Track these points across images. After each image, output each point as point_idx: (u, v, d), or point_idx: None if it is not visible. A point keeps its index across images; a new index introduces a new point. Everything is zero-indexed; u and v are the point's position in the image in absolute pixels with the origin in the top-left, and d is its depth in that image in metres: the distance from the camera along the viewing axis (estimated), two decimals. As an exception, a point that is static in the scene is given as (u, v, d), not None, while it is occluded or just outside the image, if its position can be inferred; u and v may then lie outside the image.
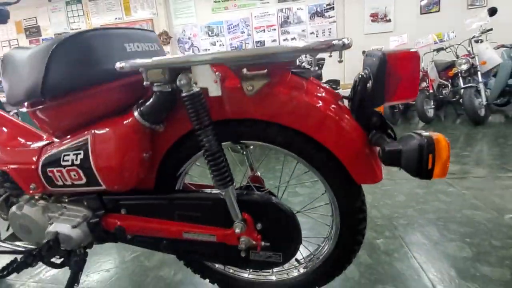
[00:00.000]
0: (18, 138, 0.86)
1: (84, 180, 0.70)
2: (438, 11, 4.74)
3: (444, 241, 1.17)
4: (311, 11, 5.11)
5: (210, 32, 5.52)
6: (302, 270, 0.90)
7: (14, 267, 0.75)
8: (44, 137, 0.88)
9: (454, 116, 3.78)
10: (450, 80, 3.68)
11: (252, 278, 0.94)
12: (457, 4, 4.61)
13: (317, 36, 5.19)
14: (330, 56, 0.57)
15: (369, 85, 0.61)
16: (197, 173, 2.19)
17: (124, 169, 0.67)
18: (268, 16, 5.25)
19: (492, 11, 3.08)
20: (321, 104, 0.65)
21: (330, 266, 0.83)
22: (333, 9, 5.07)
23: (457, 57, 3.46)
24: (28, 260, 0.76)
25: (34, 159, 0.75)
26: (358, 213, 0.74)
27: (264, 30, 5.32)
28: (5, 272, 0.75)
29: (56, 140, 0.80)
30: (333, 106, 0.66)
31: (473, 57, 3.29)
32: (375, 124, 0.65)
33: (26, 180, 0.76)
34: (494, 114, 3.64)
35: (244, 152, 0.92)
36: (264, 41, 5.32)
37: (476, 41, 3.50)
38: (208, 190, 0.81)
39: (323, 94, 0.67)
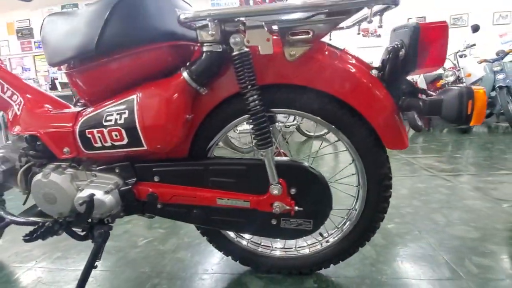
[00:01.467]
0: (46, 104, 0.86)
1: (125, 141, 0.70)
2: (424, 28, 5.07)
3: (450, 225, 1.23)
4: (305, 24, 5.32)
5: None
6: (324, 244, 0.92)
7: (41, 233, 0.73)
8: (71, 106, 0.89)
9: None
10: (437, 91, 3.89)
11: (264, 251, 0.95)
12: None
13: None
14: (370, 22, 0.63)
15: (401, 53, 0.67)
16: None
17: (168, 128, 0.68)
18: (264, 27, 5.40)
19: (475, 28, 3.33)
20: (356, 71, 0.70)
21: (355, 237, 0.86)
22: (326, 23, 5.30)
23: (444, 69, 3.68)
24: (55, 226, 0.75)
25: (70, 122, 0.76)
26: (385, 180, 0.78)
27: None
28: (33, 236, 0.73)
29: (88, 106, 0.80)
30: (367, 74, 0.71)
31: (459, 70, 3.51)
32: (405, 91, 0.71)
33: (60, 144, 0.76)
34: (477, 126, 3.86)
35: (271, 127, 0.95)
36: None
37: (460, 56, 3.76)
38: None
39: (357, 63, 0.73)
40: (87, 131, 0.72)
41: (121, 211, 0.83)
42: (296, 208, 0.75)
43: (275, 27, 0.66)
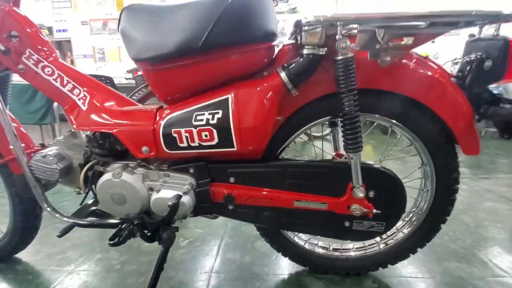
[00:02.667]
0: (113, 100, 0.82)
1: (215, 141, 0.69)
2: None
3: (481, 226, 1.29)
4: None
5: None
6: (382, 246, 0.94)
7: (125, 236, 0.70)
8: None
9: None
10: None
11: (326, 253, 0.96)
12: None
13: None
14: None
15: (487, 63, 0.70)
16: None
17: (262, 130, 0.67)
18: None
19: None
20: (441, 79, 0.73)
21: (416, 239, 0.89)
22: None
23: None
24: (134, 229, 0.72)
25: (151, 120, 0.72)
26: (454, 184, 0.81)
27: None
28: (118, 240, 0.70)
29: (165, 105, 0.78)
30: (450, 82, 0.73)
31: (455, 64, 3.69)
32: (487, 99, 0.74)
33: (138, 143, 0.73)
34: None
35: (333, 131, 0.96)
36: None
37: (456, 63, 3.94)
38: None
39: (440, 71, 0.75)
40: (173, 130, 0.70)
41: (190, 212, 0.81)
42: (374, 211, 0.77)
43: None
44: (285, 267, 1.01)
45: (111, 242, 0.70)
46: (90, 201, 0.92)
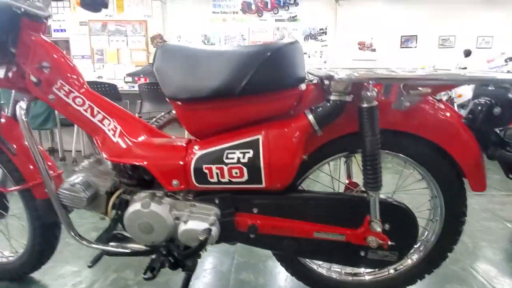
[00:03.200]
0: (143, 131, 0.85)
1: (244, 178, 0.72)
2: (415, 47, 5.39)
3: (479, 247, 1.36)
4: (305, 33, 5.43)
5: (206, 41, 5.55)
6: (392, 271, 0.99)
7: (157, 271, 0.73)
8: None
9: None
10: None
11: (338, 277, 1.01)
12: (431, 43, 5.31)
13: (309, 57, 5.49)
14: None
15: (496, 110, 0.76)
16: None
17: (290, 168, 0.72)
18: (265, 33, 5.46)
19: (468, 53, 3.62)
20: (453, 121, 0.78)
21: (424, 266, 0.94)
22: (326, 34, 5.46)
23: (437, 88, 3.95)
24: (165, 260, 0.75)
25: (182, 155, 0.76)
26: (462, 216, 0.87)
27: (260, 45, 5.49)
28: (154, 271, 0.73)
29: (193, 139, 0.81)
30: (461, 123, 0.79)
31: (451, 90, 3.81)
32: (494, 141, 0.79)
33: (169, 176, 0.76)
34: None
35: (346, 161, 1.00)
36: (259, 55, 5.49)
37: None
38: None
39: (452, 113, 0.80)
40: (204, 166, 0.73)
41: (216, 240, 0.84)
42: (389, 242, 0.81)
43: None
44: (298, 288, 1.05)
45: (146, 277, 0.72)
46: (111, 225, 0.94)
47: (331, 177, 0.95)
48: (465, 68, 3.88)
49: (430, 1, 5.39)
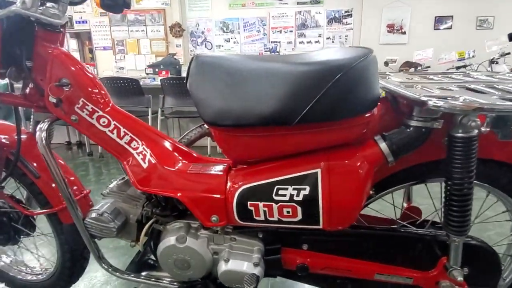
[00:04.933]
0: (175, 156, 0.74)
1: (298, 218, 0.61)
2: (450, 28, 4.91)
3: None
4: (329, 16, 5.09)
5: (225, 28, 5.36)
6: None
7: None
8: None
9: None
10: None
11: None
12: (468, 24, 4.81)
13: (333, 42, 5.17)
14: None
15: None
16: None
17: (355, 207, 0.59)
18: (285, 17, 5.18)
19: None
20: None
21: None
22: (351, 16, 5.09)
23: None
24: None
25: (221, 188, 0.65)
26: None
27: (280, 31, 5.25)
28: None
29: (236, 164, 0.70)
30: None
31: (494, 77, 3.44)
32: None
33: (208, 212, 0.65)
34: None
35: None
36: (280, 42, 5.26)
37: (492, 62, 3.67)
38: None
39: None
40: (249, 202, 0.62)
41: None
42: (467, 289, 0.68)
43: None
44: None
45: None
46: (142, 253, 0.87)
47: (393, 205, 0.81)
48: (508, 53, 3.47)
49: (470, -24, 4.86)
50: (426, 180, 0.69)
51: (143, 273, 0.82)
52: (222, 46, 5.31)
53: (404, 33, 5.32)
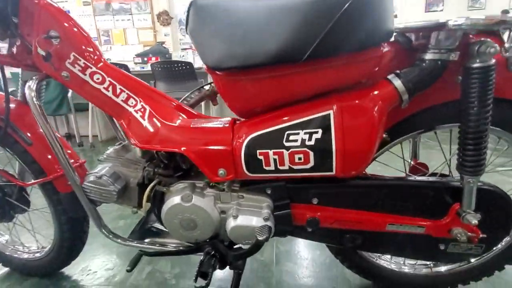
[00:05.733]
0: (176, 112, 0.70)
1: (310, 165, 0.58)
2: (442, 10, 4.91)
3: None
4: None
5: (214, 15, 5.23)
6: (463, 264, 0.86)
7: (210, 273, 0.62)
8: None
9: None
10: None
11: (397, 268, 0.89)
12: (459, 5, 4.82)
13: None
14: None
15: None
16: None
17: (370, 150, 0.57)
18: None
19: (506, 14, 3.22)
20: None
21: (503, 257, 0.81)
22: (343, 0, 5.04)
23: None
24: (215, 262, 0.64)
25: (227, 139, 0.62)
26: None
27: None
28: (208, 276, 0.62)
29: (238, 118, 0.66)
30: None
31: None
32: None
33: (215, 165, 0.62)
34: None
35: (415, 140, 0.84)
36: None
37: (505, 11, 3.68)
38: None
39: None
40: (258, 151, 0.59)
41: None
42: (481, 235, 0.67)
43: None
44: (353, 282, 0.94)
45: (198, 285, 0.61)
46: (146, 219, 0.84)
47: (402, 158, 0.79)
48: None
49: (460, -45, 4.85)
50: (435, 127, 0.67)
51: (147, 240, 0.79)
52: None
53: (396, 16, 5.30)
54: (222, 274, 1.00)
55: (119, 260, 1.10)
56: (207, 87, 0.85)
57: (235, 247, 0.73)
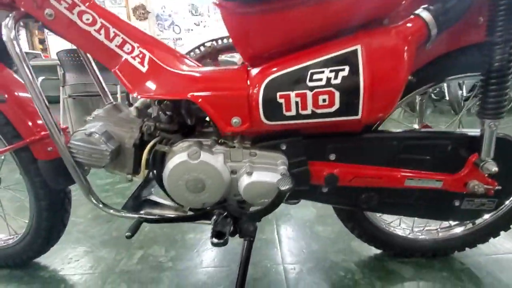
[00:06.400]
0: (180, 60, 0.63)
1: (334, 107, 0.53)
2: None
3: None
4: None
5: (193, 11, 5.14)
6: (469, 226, 0.87)
7: (227, 231, 0.56)
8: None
9: (432, 107, 4.18)
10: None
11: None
12: None
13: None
14: None
15: None
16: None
17: (398, 91, 0.53)
18: (257, 0, 5.10)
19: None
20: None
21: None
22: None
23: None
24: (230, 221, 0.57)
25: (242, 83, 0.55)
26: None
27: (252, 14, 5.15)
28: (223, 240, 0.55)
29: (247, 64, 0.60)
30: None
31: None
32: None
33: (228, 112, 0.56)
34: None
35: (422, 100, 0.83)
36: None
37: None
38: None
39: None
40: (279, 94, 0.53)
41: None
42: (497, 187, 0.66)
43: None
44: (362, 253, 0.91)
45: (216, 241, 0.54)
46: (141, 188, 0.75)
47: (417, 117, 0.77)
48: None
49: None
50: (445, 78, 0.65)
51: (142, 211, 0.70)
52: (192, 30, 5.10)
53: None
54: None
55: (104, 248, 0.98)
56: (208, 44, 0.78)
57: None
